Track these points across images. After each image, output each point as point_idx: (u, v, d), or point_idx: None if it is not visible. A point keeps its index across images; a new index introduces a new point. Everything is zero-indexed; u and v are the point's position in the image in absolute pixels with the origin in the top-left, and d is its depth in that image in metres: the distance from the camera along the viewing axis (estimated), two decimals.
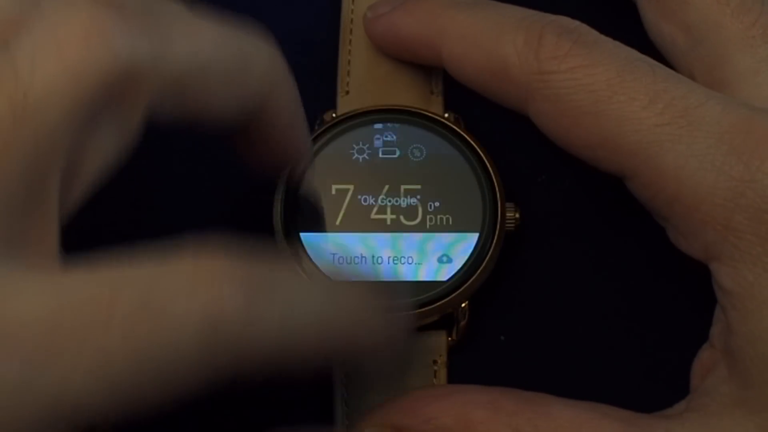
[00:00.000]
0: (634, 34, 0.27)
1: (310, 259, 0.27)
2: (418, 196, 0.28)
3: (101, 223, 0.28)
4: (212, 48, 0.22)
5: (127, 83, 0.20)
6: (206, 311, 0.18)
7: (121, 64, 0.20)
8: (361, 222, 0.27)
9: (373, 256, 0.27)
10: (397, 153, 0.28)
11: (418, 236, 0.27)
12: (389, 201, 0.28)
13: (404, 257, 0.27)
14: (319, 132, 0.28)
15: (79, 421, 0.18)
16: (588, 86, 0.24)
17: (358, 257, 0.27)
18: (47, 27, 0.20)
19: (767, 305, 0.22)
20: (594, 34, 0.25)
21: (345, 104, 0.29)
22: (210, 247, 0.20)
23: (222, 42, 0.22)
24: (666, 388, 0.25)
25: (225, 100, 0.22)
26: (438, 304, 0.27)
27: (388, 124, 0.28)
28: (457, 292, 0.27)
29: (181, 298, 0.18)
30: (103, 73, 0.19)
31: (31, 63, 0.19)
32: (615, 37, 0.25)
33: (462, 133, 0.28)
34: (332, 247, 0.27)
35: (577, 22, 0.25)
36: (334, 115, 0.29)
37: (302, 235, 0.27)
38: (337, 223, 0.27)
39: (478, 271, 0.27)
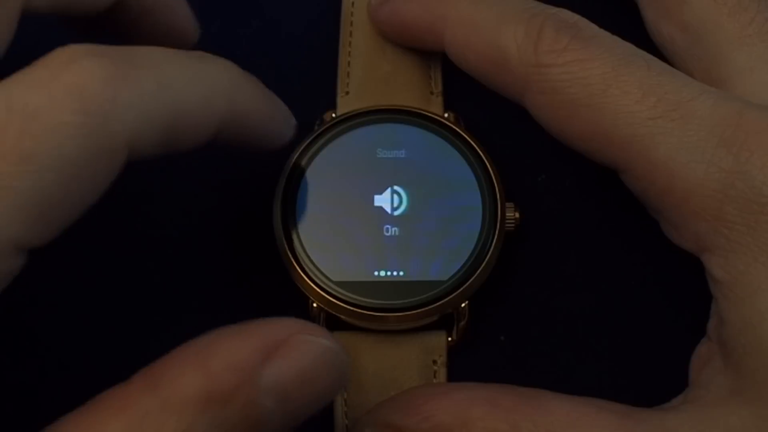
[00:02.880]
0: (635, 31, 0.28)
1: (310, 258, 0.28)
2: (418, 196, 0.28)
3: (98, 218, 0.29)
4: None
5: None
6: (70, 93, 0.20)
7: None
8: (360, 221, 0.28)
9: (373, 256, 0.28)
10: (397, 153, 0.29)
11: (417, 236, 0.28)
12: (389, 201, 0.28)
13: (404, 257, 0.28)
14: (319, 132, 0.29)
15: (9, 252, 0.20)
16: (583, 80, 0.25)
17: (359, 256, 0.28)
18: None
19: (757, 293, 0.23)
20: (593, 28, 0.26)
21: (345, 104, 0.30)
22: (66, 45, 0.21)
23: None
24: (666, 386, 0.26)
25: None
26: (438, 304, 0.28)
27: (388, 124, 0.29)
28: (457, 292, 0.28)
29: (39, 92, 0.20)
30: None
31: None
32: (616, 33, 0.26)
33: (462, 133, 0.29)
34: (332, 245, 0.28)
35: (577, 17, 0.26)
36: (334, 115, 0.30)
37: (302, 234, 0.28)
38: (337, 222, 0.28)
39: (478, 271, 0.28)
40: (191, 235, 0.30)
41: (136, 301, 0.29)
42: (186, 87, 0.22)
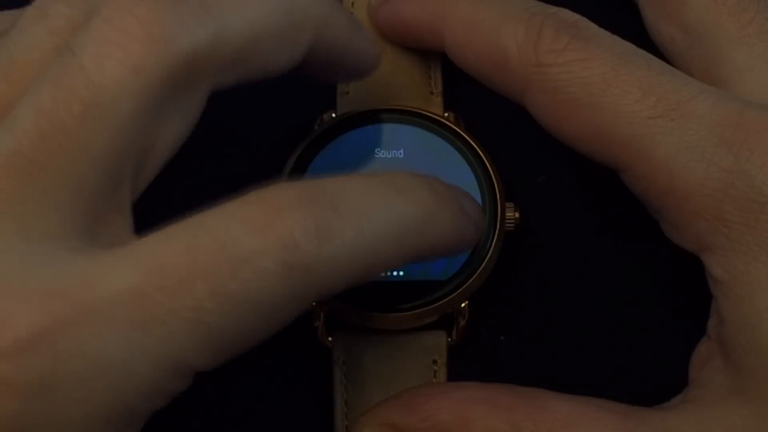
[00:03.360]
0: (635, 31, 0.28)
1: None
2: None
3: None
4: (262, 17, 0.23)
5: (189, 71, 0.22)
6: (281, 244, 0.20)
7: (183, 55, 0.21)
8: None
9: None
10: (397, 153, 0.29)
11: None
12: None
13: None
14: (319, 132, 0.29)
15: (185, 374, 0.21)
16: (583, 79, 0.25)
17: None
18: (106, 24, 0.21)
19: (757, 293, 0.23)
20: (593, 28, 0.26)
21: (345, 104, 0.30)
22: (271, 185, 0.21)
23: (269, 6, 0.23)
24: (666, 386, 0.26)
25: (280, 56, 0.24)
26: (438, 304, 0.28)
27: (388, 124, 0.29)
28: (457, 292, 0.28)
29: (254, 237, 0.20)
30: (166, 66, 0.21)
31: (98, 64, 0.21)
32: (616, 33, 0.26)
33: (462, 133, 0.29)
34: None
35: (577, 16, 0.26)
36: (334, 115, 0.30)
37: None
38: None
39: (478, 271, 0.28)
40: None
41: None
42: (381, 234, 0.22)
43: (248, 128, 0.31)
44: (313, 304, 0.28)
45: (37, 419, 0.19)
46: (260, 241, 0.20)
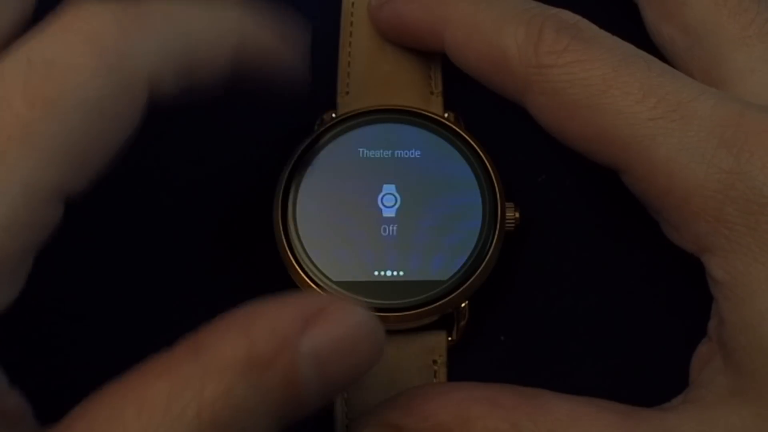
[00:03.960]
0: (635, 32, 0.28)
1: (310, 258, 0.28)
2: (418, 196, 0.29)
3: (101, 218, 0.29)
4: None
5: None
6: (84, 38, 0.21)
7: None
8: (360, 221, 0.28)
9: (373, 256, 0.28)
10: (397, 153, 0.29)
11: (417, 236, 0.28)
12: (389, 201, 0.29)
13: (404, 257, 0.28)
14: (319, 132, 0.29)
15: (43, 198, 0.21)
16: (584, 80, 0.25)
17: (358, 256, 0.28)
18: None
19: (757, 294, 0.24)
20: (593, 29, 0.26)
21: (345, 104, 0.30)
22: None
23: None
24: (667, 386, 0.26)
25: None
26: (438, 304, 0.28)
27: (388, 124, 0.29)
28: (457, 292, 0.28)
29: (56, 40, 0.21)
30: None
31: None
32: (616, 33, 0.26)
33: (462, 133, 0.29)
34: (332, 245, 0.28)
35: (577, 17, 0.26)
36: (334, 115, 0.30)
37: (302, 234, 0.28)
38: (337, 222, 0.28)
39: (478, 271, 0.28)
40: (191, 235, 0.30)
41: (135, 300, 0.29)
42: (195, 25, 0.23)
43: (248, 128, 0.31)
44: None
45: None
46: (62, 43, 0.21)
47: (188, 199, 0.30)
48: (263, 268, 0.29)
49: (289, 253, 0.28)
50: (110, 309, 0.29)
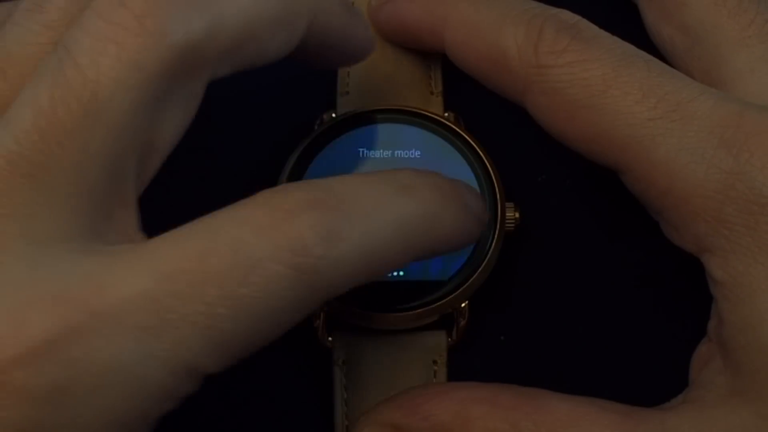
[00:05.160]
0: (635, 32, 0.28)
1: None
2: None
3: None
4: (257, 4, 0.23)
5: (187, 62, 0.22)
6: (291, 248, 0.21)
7: (178, 47, 0.21)
8: None
9: None
10: (397, 153, 0.29)
11: None
12: None
13: None
14: (319, 132, 0.29)
15: (195, 378, 0.21)
16: (584, 81, 0.25)
17: None
18: (99, 18, 0.21)
19: (757, 294, 0.24)
20: (593, 29, 0.26)
21: (345, 104, 0.30)
22: (279, 187, 0.22)
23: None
24: (667, 386, 0.26)
25: (276, 44, 0.24)
26: (438, 304, 0.28)
27: (388, 124, 0.29)
28: (457, 292, 0.28)
29: (264, 241, 0.21)
30: (162, 60, 0.21)
31: (93, 60, 0.21)
32: (616, 34, 0.26)
33: (462, 133, 0.29)
34: None
35: (577, 17, 0.26)
36: (334, 115, 0.30)
37: None
38: None
39: (478, 271, 0.28)
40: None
41: None
42: (389, 235, 0.22)
43: (248, 128, 0.31)
44: None
45: (50, 425, 0.20)
46: (270, 245, 0.20)
47: (188, 199, 0.30)
48: None
49: None
50: None
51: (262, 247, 0.20)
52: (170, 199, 0.30)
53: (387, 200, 0.22)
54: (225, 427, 0.29)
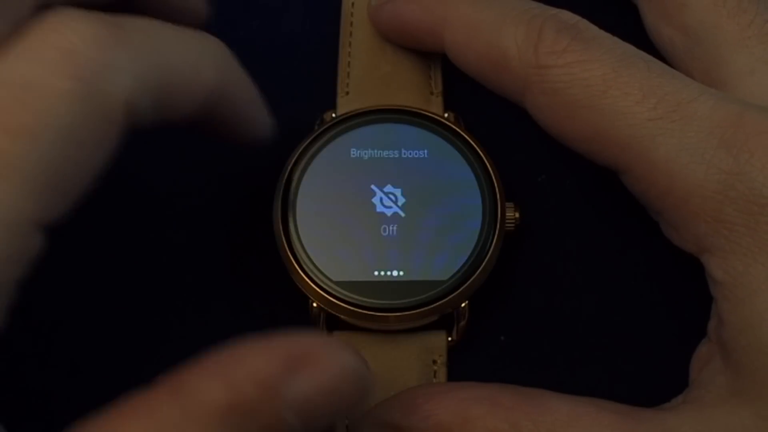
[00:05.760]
0: (635, 32, 0.29)
1: (310, 258, 0.28)
2: (418, 196, 0.29)
3: (102, 217, 0.29)
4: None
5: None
6: (62, 58, 0.20)
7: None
8: (360, 221, 0.28)
9: (373, 256, 0.28)
10: (397, 153, 0.29)
11: (417, 236, 0.28)
12: (389, 201, 0.29)
13: (404, 257, 0.28)
14: (318, 132, 0.29)
15: (25, 230, 0.20)
16: (584, 81, 0.25)
17: (359, 256, 0.28)
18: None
19: (756, 294, 0.24)
20: (593, 29, 0.26)
21: (345, 104, 0.30)
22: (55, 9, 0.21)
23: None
24: (667, 386, 0.26)
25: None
26: (438, 304, 0.28)
27: (388, 124, 0.29)
28: (457, 292, 0.28)
29: (33, 60, 0.20)
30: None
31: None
32: (616, 34, 0.27)
33: (462, 133, 0.29)
34: (332, 245, 0.28)
35: (577, 17, 0.27)
36: (333, 115, 0.30)
37: (302, 234, 0.28)
38: (337, 222, 0.28)
39: (478, 271, 0.28)
40: (191, 236, 0.30)
41: (136, 302, 0.29)
42: (177, 52, 0.22)
43: None
44: (314, 305, 0.28)
45: None
46: (39, 62, 0.20)
47: (187, 199, 0.31)
48: (263, 268, 0.29)
49: (289, 253, 0.28)
50: (110, 310, 0.29)
51: (31, 67, 0.20)
52: (169, 199, 0.30)
53: (173, 32, 0.22)
54: None
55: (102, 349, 0.29)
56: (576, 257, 0.30)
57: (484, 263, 0.28)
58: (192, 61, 0.23)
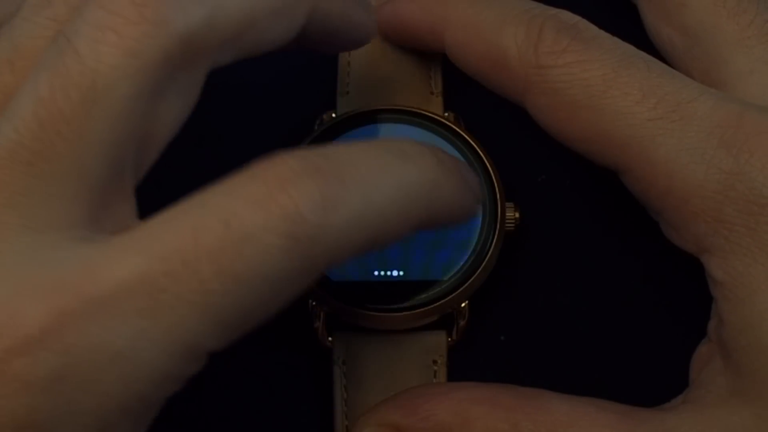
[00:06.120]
0: (635, 32, 0.29)
1: None
2: None
3: None
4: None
5: (186, 52, 0.22)
6: (285, 217, 0.20)
7: (178, 36, 0.21)
8: None
9: (373, 256, 0.28)
10: None
11: (417, 236, 0.28)
12: None
13: (404, 256, 0.28)
14: (319, 132, 0.29)
15: (196, 357, 0.21)
16: (584, 81, 0.25)
17: (358, 256, 0.28)
18: (99, 8, 0.21)
19: (756, 294, 0.24)
20: (593, 29, 0.26)
21: (345, 104, 0.30)
22: (273, 156, 0.21)
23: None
24: (667, 386, 0.27)
25: (277, 32, 0.24)
26: (438, 304, 0.28)
27: (388, 124, 0.29)
28: (457, 292, 0.28)
29: (257, 212, 0.20)
30: (162, 48, 0.21)
31: (93, 49, 0.21)
32: (616, 34, 0.27)
33: (462, 133, 0.29)
34: None
35: (577, 18, 0.27)
36: (334, 115, 0.30)
37: None
38: None
39: (478, 271, 0.28)
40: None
41: None
42: (388, 202, 0.22)
43: (248, 128, 0.31)
44: (313, 304, 0.28)
45: (50, 413, 0.20)
46: (264, 216, 0.20)
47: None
48: None
49: None
50: None
51: (254, 218, 0.20)
52: (169, 199, 0.30)
53: (387, 166, 0.22)
54: (225, 427, 0.29)
55: None
56: (576, 257, 0.30)
57: (484, 263, 0.28)
58: (402, 206, 0.23)
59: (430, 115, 0.30)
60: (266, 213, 0.20)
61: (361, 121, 0.29)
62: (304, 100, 0.29)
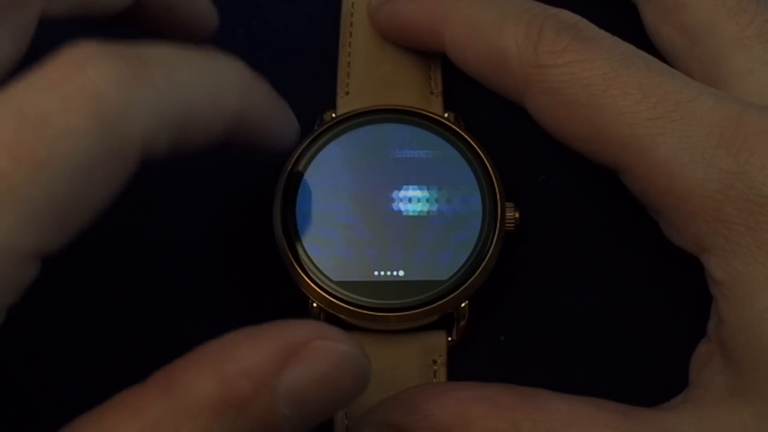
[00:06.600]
0: (635, 32, 0.29)
1: (310, 258, 0.28)
2: (418, 196, 0.29)
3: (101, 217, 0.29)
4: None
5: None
6: (83, 96, 0.19)
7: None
8: (360, 221, 0.29)
9: (374, 256, 0.28)
10: (397, 153, 0.29)
11: (417, 236, 0.28)
12: (388, 200, 0.29)
13: (405, 257, 0.28)
14: (319, 132, 0.29)
15: (22, 260, 0.20)
16: (583, 80, 0.25)
17: (359, 256, 0.28)
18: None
19: (756, 294, 0.24)
20: (593, 29, 0.26)
21: (345, 104, 0.30)
22: (77, 44, 0.20)
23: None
24: (667, 386, 0.27)
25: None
26: (438, 304, 0.28)
27: (388, 124, 0.29)
28: (457, 292, 0.28)
29: (52, 95, 0.19)
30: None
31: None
32: (616, 34, 0.27)
33: (462, 133, 0.29)
34: (332, 245, 0.28)
35: (577, 17, 0.27)
36: (334, 115, 0.30)
37: (302, 234, 0.28)
38: (337, 222, 0.28)
39: (478, 270, 0.28)
40: (191, 236, 0.30)
41: (135, 302, 0.29)
42: (197, 86, 0.22)
43: None
44: (314, 305, 0.28)
45: None
46: (60, 98, 0.19)
47: (187, 199, 0.31)
48: (263, 268, 0.29)
49: (289, 253, 0.28)
50: (113, 310, 0.29)
51: (50, 101, 0.19)
52: (169, 199, 0.30)
53: (195, 59, 0.22)
54: None
55: (102, 349, 0.29)
56: (576, 257, 0.30)
57: (484, 263, 0.28)
58: (214, 93, 0.23)
59: (429, 114, 0.30)
60: (63, 94, 0.19)
61: (361, 121, 0.29)
62: (304, 100, 0.29)
